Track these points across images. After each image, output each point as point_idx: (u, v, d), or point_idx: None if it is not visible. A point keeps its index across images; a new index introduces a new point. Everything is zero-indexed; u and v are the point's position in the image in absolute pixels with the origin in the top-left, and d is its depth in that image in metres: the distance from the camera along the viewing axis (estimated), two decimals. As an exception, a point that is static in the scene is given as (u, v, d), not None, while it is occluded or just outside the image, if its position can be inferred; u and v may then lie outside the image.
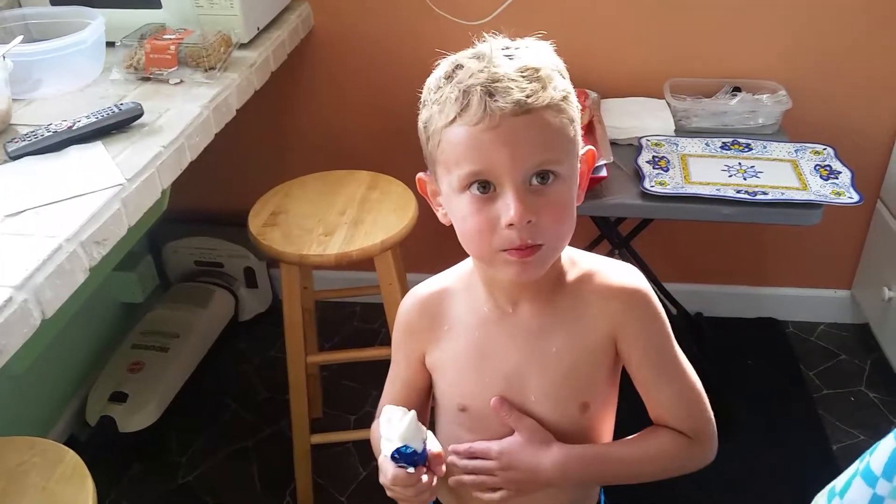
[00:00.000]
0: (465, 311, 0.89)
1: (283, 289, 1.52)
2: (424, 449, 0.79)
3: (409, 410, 0.79)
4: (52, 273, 0.95)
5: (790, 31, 1.81)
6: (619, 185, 1.57)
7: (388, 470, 0.80)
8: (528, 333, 0.86)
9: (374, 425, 0.93)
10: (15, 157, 1.19)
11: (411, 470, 0.78)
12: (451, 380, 0.91)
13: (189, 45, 1.46)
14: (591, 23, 1.87)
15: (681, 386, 0.88)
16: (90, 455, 1.13)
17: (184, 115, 1.33)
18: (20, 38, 1.34)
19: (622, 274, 0.87)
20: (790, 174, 1.59)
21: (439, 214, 0.85)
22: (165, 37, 1.49)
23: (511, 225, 0.73)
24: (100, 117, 1.24)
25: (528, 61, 0.75)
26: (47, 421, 1.85)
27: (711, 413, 0.90)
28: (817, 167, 1.60)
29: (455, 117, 0.74)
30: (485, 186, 0.75)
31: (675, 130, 1.74)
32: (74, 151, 1.20)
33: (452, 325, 0.90)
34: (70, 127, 1.22)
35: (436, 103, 0.76)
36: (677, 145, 1.69)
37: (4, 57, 1.27)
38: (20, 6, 1.61)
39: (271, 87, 1.68)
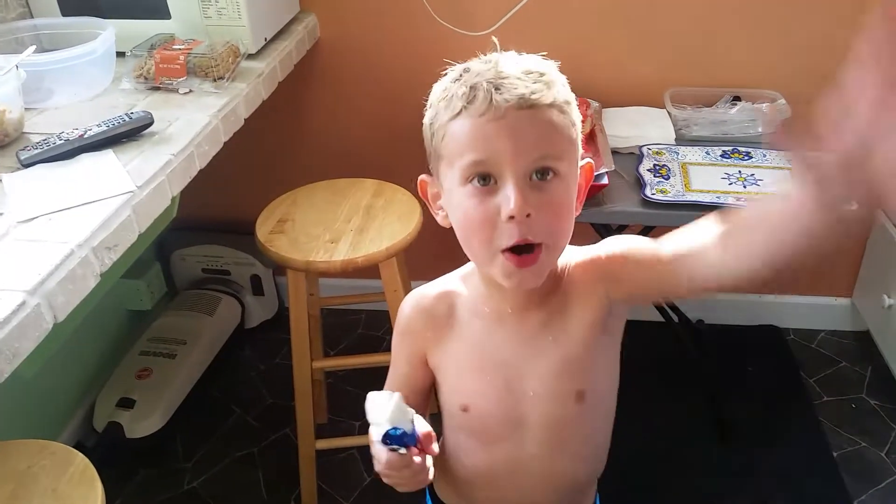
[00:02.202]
0: (466, 312, 0.91)
1: (290, 295, 1.54)
2: (414, 429, 0.78)
3: (394, 392, 0.79)
4: (63, 278, 0.97)
5: (789, 40, 1.84)
6: (621, 193, 1.59)
7: (381, 455, 0.80)
8: (527, 331, 0.88)
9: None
10: (28, 165, 1.21)
11: (403, 451, 0.78)
12: (453, 379, 0.92)
13: (198, 55, 1.49)
14: (592, 33, 1.90)
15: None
16: (97, 461, 1.14)
17: (193, 124, 1.35)
18: (32, 48, 1.36)
19: (599, 245, 0.88)
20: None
21: (439, 218, 0.86)
22: (175, 47, 1.51)
23: (511, 218, 0.74)
24: (110, 126, 1.26)
25: (534, 66, 0.78)
26: (55, 426, 1.87)
27: None
28: (817, 175, 1.62)
29: (461, 110, 0.76)
30: (485, 179, 0.76)
31: (676, 139, 1.76)
32: (86, 159, 1.22)
33: (454, 325, 0.91)
34: (81, 135, 1.24)
35: (442, 100, 0.79)
36: (678, 154, 1.71)
37: (17, 67, 1.29)
38: (32, 17, 1.64)
39: (278, 97, 1.71)
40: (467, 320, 0.90)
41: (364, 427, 0.79)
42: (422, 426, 0.80)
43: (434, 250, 1.74)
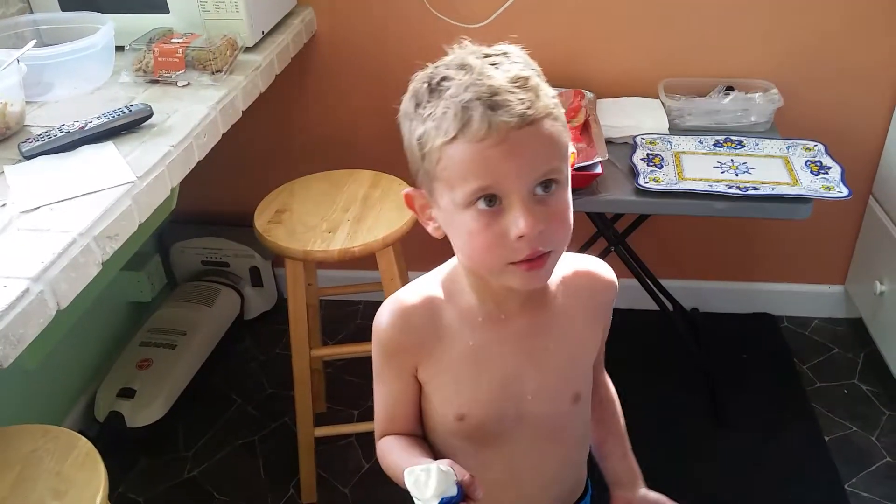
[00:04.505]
0: (455, 320, 0.87)
1: (288, 284, 1.56)
2: (459, 487, 0.75)
3: (430, 465, 0.75)
4: (66, 266, 0.99)
5: (782, 30, 1.85)
6: (615, 182, 1.61)
7: None
8: (522, 337, 0.87)
9: (382, 451, 0.93)
10: (29, 157, 1.23)
11: None
12: (448, 390, 0.89)
13: (196, 48, 1.51)
14: (587, 24, 1.91)
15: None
16: (98, 450, 1.16)
17: (192, 116, 1.37)
18: (33, 42, 1.38)
19: (604, 268, 0.93)
20: (781, 170, 1.63)
21: (430, 228, 0.84)
22: (173, 41, 1.53)
23: (521, 237, 0.73)
24: (110, 118, 1.28)
25: (516, 70, 0.74)
26: (57, 416, 1.89)
27: None
28: (808, 163, 1.64)
29: (456, 134, 0.72)
30: (491, 200, 0.74)
31: (669, 129, 1.78)
32: (86, 151, 1.24)
33: (443, 336, 0.87)
34: (82, 127, 1.26)
35: (430, 119, 0.75)
36: (671, 143, 1.73)
37: (18, 61, 1.31)
38: (32, 12, 1.66)
39: (275, 90, 1.72)
40: (457, 329, 0.87)
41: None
42: (460, 472, 0.75)
43: (430, 241, 1.75)
